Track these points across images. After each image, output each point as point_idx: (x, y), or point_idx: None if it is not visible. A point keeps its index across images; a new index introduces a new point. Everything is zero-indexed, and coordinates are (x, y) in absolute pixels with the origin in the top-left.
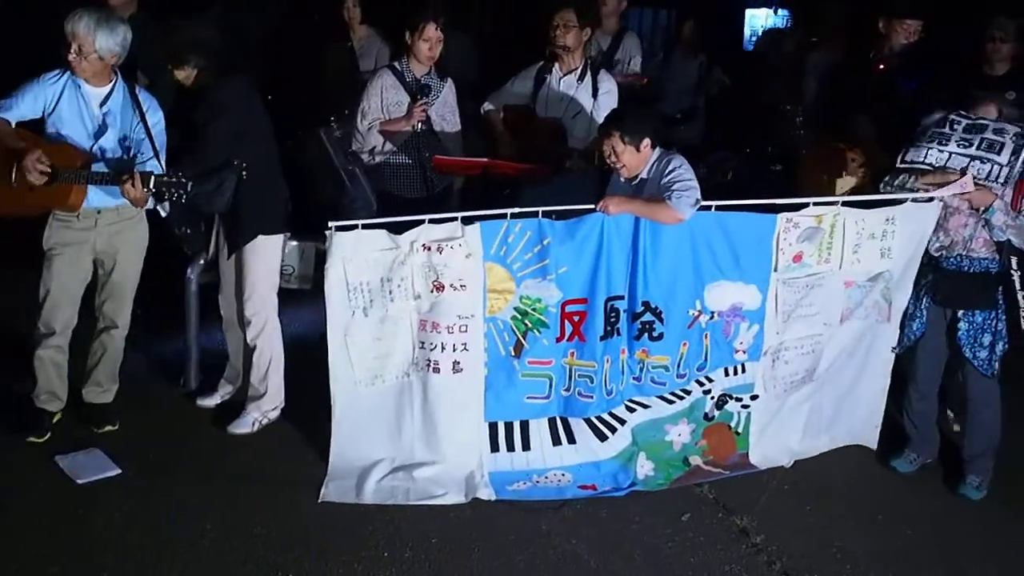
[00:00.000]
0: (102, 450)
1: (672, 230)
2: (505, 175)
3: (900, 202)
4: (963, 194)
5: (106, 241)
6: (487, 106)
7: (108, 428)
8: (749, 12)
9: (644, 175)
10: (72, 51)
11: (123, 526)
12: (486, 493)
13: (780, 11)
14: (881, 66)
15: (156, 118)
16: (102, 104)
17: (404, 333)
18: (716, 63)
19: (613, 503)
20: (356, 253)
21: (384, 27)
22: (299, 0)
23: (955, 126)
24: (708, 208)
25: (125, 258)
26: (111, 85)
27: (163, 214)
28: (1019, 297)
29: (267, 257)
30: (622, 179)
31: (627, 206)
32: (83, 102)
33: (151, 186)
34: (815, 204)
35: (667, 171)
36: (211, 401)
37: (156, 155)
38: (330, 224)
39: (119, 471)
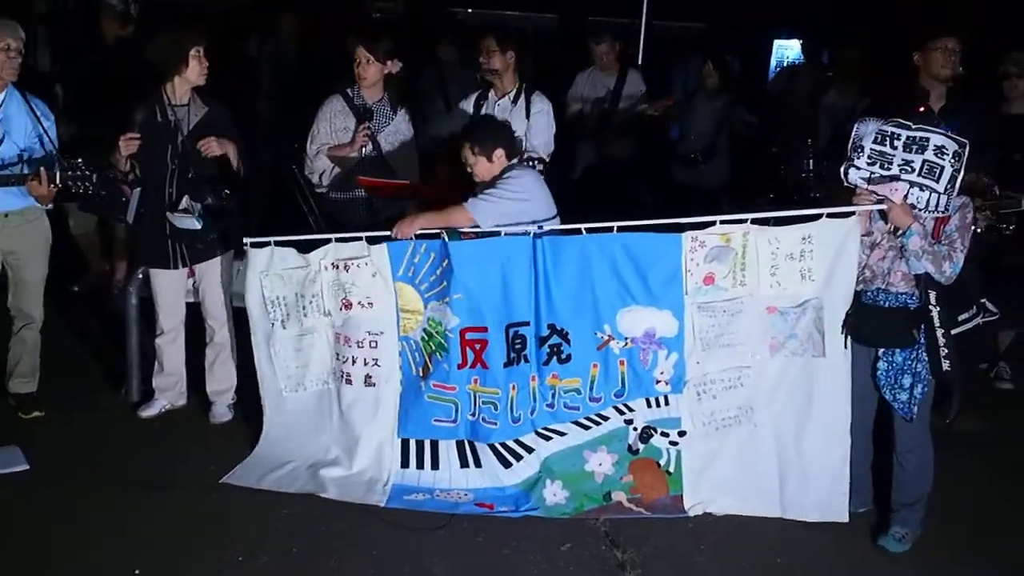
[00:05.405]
0: (23, 450)
1: (570, 251)
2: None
3: (815, 218)
4: (883, 206)
5: (12, 242)
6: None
7: (36, 414)
8: (777, 43)
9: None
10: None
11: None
12: (378, 500)
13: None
14: (921, 109)
15: (48, 122)
16: None
17: (321, 344)
18: (742, 101)
19: (496, 528)
20: (270, 268)
21: None
22: None
23: (895, 142)
24: (610, 229)
25: (31, 256)
26: (3, 93)
27: (198, 225)
28: (938, 335)
29: (227, 270)
30: None
31: (420, 221)
32: None
33: (57, 181)
34: (721, 222)
35: (499, 180)
36: (152, 411)
37: (53, 155)
38: (245, 240)
39: (27, 467)
